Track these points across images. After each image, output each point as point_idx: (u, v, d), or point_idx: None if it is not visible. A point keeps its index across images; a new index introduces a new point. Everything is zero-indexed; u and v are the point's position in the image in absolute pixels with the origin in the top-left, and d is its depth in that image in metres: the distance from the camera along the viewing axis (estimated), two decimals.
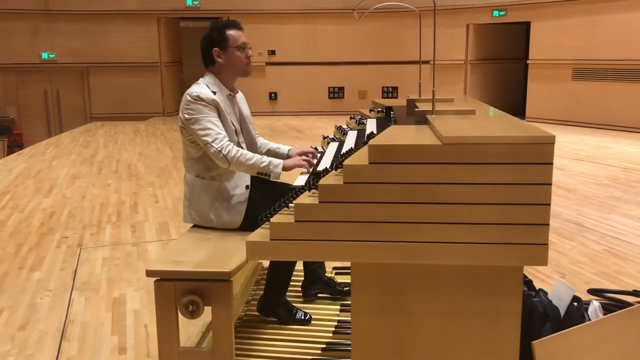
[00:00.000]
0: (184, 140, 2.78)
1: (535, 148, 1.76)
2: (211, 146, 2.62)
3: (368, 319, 1.98)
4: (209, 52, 2.77)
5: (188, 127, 2.69)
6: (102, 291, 3.72)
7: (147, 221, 5.30)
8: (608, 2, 10.72)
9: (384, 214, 1.84)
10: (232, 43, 2.76)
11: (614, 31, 10.67)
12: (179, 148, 9.44)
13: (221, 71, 2.80)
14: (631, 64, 10.47)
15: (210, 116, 2.66)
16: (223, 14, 13.97)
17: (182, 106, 2.73)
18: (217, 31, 2.75)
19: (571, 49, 11.45)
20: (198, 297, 2.24)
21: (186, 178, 2.84)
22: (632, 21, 10.38)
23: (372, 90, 14.29)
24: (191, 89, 2.73)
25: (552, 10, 11.65)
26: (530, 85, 12.50)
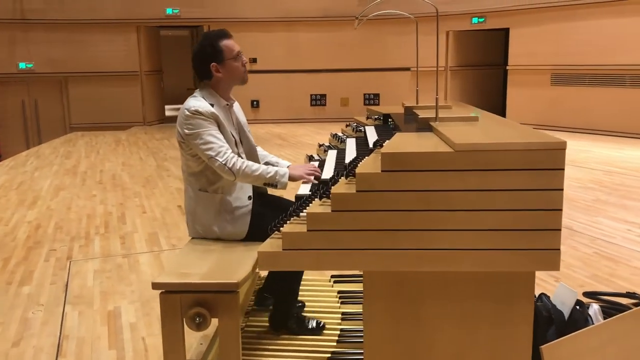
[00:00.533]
0: (184, 155, 2.74)
1: (547, 154, 1.77)
2: (215, 160, 2.59)
3: (380, 328, 1.97)
4: (205, 67, 2.71)
5: (189, 141, 2.65)
6: (95, 304, 3.66)
7: (136, 232, 5.23)
8: (583, 9, 10.92)
9: (397, 222, 1.84)
10: (228, 54, 2.72)
11: (590, 37, 10.86)
12: (162, 157, 9.37)
13: (219, 83, 2.76)
14: (608, 69, 10.66)
15: (211, 129, 2.62)
16: (204, 22, 13.93)
17: (181, 121, 2.68)
18: (210, 45, 2.69)
19: (549, 54, 11.63)
20: (205, 309, 2.21)
21: (188, 192, 2.79)
22: (608, 27, 10.58)
23: (354, 98, 14.35)
24: (188, 103, 2.68)
25: (530, 16, 11.83)
26: (510, 91, 12.66)
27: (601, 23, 10.68)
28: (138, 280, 4.06)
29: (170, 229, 5.29)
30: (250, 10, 13.92)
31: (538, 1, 11.53)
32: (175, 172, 8.13)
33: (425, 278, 1.92)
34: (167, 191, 6.90)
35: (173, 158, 9.32)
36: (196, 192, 2.74)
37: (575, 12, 11.06)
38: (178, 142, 2.74)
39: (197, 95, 2.74)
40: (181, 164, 2.84)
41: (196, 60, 2.74)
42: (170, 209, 6.03)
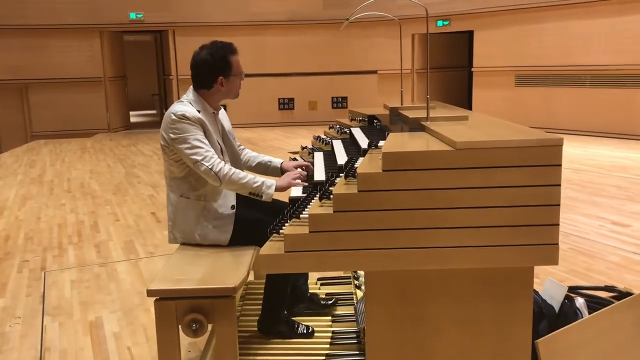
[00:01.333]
0: (167, 160, 2.69)
1: (545, 150, 1.80)
2: (201, 164, 2.55)
3: (383, 329, 1.97)
4: (210, 78, 2.68)
5: (173, 146, 2.61)
6: (76, 315, 3.56)
7: (111, 240, 5.12)
8: (545, 12, 11.19)
9: (399, 221, 1.85)
10: (235, 71, 2.72)
11: (553, 39, 11.14)
12: (130, 164, 9.21)
13: (215, 95, 2.73)
14: (570, 70, 10.94)
15: (197, 134, 2.59)
16: (168, 26, 13.78)
17: (166, 125, 2.63)
18: (222, 59, 2.66)
19: (513, 56, 11.87)
20: (201, 315, 2.17)
21: (169, 198, 2.73)
22: (569, 29, 10.86)
23: (322, 101, 14.38)
24: (175, 108, 2.64)
25: (493, 19, 12.06)
26: (476, 93, 12.87)
27: (563, 25, 10.96)
28: (118, 289, 3.97)
29: (145, 237, 5.20)
30: (216, 14, 13.82)
31: (501, 4, 11.77)
32: (145, 178, 8.00)
33: (427, 277, 1.93)
34: (139, 198, 6.79)
35: (142, 165, 9.17)
36: (178, 198, 2.70)
37: (537, 15, 11.32)
38: (161, 146, 2.69)
39: (184, 100, 2.71)
40: (164, 170, 2.79)
41: (202, 69, 2.68)
42: (143, 216, 5.92)
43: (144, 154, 10.41)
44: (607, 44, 10.32)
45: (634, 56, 9.95)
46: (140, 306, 3.67)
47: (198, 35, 13.81)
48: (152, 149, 10.93)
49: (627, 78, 10.13)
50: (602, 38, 10.38)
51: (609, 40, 10.29)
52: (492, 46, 12.19)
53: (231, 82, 2.74)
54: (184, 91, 10.81)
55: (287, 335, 2.83)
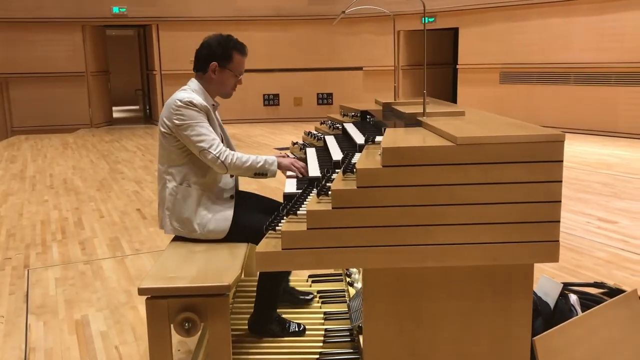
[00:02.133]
0: (168, 147, 2.65)
1: (546, 146, 1.78)
2: (208, 152, 2.54)
3: (381, 326, 1.94)
4: (205, 62, 2.68)
5: (178, 133, 2.58)
6: (61, 314, 3.49)
7: (96, 237, 5.03)
8: (528, 9, 11.24)
9: (399, 218, 1.81)
10: (233, 67, 2.71)
11: (537, 36, 11.19)
12: (114, 160, 9.08)
13: (208, 84, 2.73)
14: (553, 67, 11.01)
15: (204, 122, 2.59)
16: (152, 21, 13.61)
17: (169, 112, 2.61)
18: (223, 47, 2.67)
19: (497, 53, 11.92)
20: (194, 314, 2.12)
21: (167, 187, 2.68)
22: (554, 27, 10.92)
23: (307, 97, 14.32)
24: (180, 95, 2.62)
25: (478, 16, 12.09)
26: (460, 89, 12.91)
27: (547, 22, 11.02)
28: (103, 287, 3.90)
29: (131, 233, 5.12)
30: (200, 9, 13.69)
31: (486, 1, 11.80)
32: (129, 174, 7.89)
33: (426, 274, 1.90)
34: (124, 194, 6.69)
35: (125, 160, 9.05)
36: (177, 186, 2.65)
37: (522, 12, 11.37)
38: (162, 133, 2.66)
39: (187, 89, 2.70)
40: (159, 157, 2.74)
41: (203, 50, 2.70)
42: (129, 213, 5.83)
43: (128, 149, 10.28)
44: (590, 41, 10.40)
45: (616, 54, 10.04)
46: (127, 304, 3.60)
47: (182, 30, 13.69)
48: (136, 145, 10.80)
49: (610, 76, 10.22)
50: (585, 36, 10.45)
51: (591, 38, 10.37)
52: (477, 43, 12.23)
53: (225, 75, 2.71)
54: (168, 86, 10.87)
55: (279, 334, 2.79)
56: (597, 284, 3.70)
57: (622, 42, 9.96)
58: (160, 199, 2.73)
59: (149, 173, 7.94)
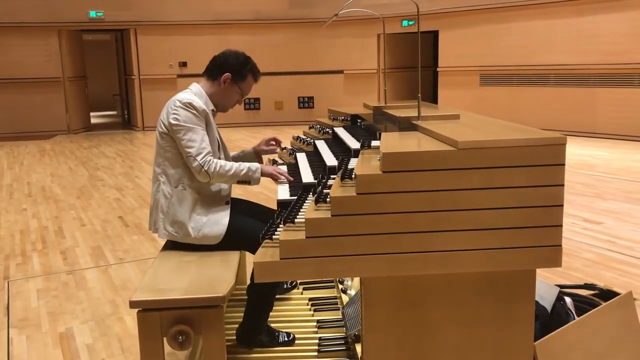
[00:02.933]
0: (164, 146, 2.61)
1: (548, 150, 1.75)
2: (194, 160, 2.51)
3: (382, 335, 1.89)
4: (220, 71, 2.68)
5: (172, 132, 2.55)
6: (44, 327, 3.38)
7: (78, 247, 4.92)
8: (508, 12, 11.33)
9: (400, 224, 1.77)
10: (243, 86, 2.73)
11: (517, 39, 11.29)
12: (93, 167, 8.93)
13: (214, 92, 2.71)
14: (533, 69, 11.11)
15: (198, 127, 2.54)
16: (129, 25, 13.45)
17: (168, 111, 2.58)
18: (242, 64, 2.69)
19: (477, 56, 11.99)
20: (188, 327, 2.06)
21: (161, 190, 2.62)
22: (532, 29, 11.02)
23: (288, 101, 14.26)
24: (182, 96, 2.60)
25: (458, 19, 12.16)
26: (441, 92, 12.96)
27: (527, 25, 11.12)
28: (88, 297, 3.80)
29: (114, 242, 5.01)
30: (179, 13, 13.56)
31: (466, 4, 11.87)
32: (110, 181, 7.76)
33: (428, 281, 1.86)
34: (105, 202, 6.56)
35: (105, 167, 8.90)
36: (172, 189, 2.60)
37: (501, 15, 11.46)
38: (160, 133, 2.61)
39: (189, 91, 2.67)
40: (155, 157, 2.68)
41: (220, 59, 2.71)
42: (110, 221, 5.72)
43: (107, 156, 10.12)
44: (569, 44, 10.51)
45: (594, 56, 10.16)
46: (113, 315, 3.51)
47: (160, 34, 13.55)
48: (115, 151, 10.64)
49: (589, 77, 10.33)
50: (564, 38, 10.57)
51: (570, 40, 10.48)
52: (457, 46, 12.29)
53: (233, 90, 2.74)
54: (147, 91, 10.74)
55: (268, 345, 2.73)
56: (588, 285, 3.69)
57: (599, 44, 10.08)
58: (154, 201, 2.67)
59: (130, 180, 7.82)
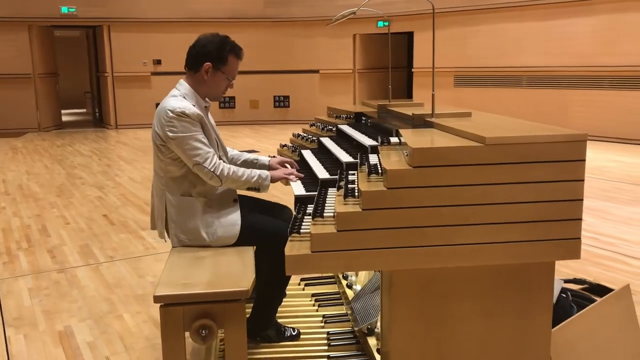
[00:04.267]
0: (164, 159, 2.54)
1: (570, 145, 1.82)
2: (203, 167, 2.46)
3: (406, 327, 1.94)
4: (199, 61, 2.57)
5: (171, 145, 2.48)
6: (41, 325, 3.33)
7: (65, 245, 4.84)
8: (482, 14, 11.54)
9: (428, 219, 1.82)
10: (226, 69, 2.61)
11: (490, 41, 11.50)
12: (70, 165, 8.78)
13: (200, 84, 2.62)
14: (506, 71, 11.34)
15: (197, 133, 2.48)
16: (102, 22, 13.24)
17: (161, 122, 2.49)
18: (219, 49, 2.57)
19: (452, 57, 12.17)
20: (211, 321, 2.07)
21: (168, 199, 2.58)
22: (506, 31, 11.25)
23: (264, 100, 14.24)
24: (171, 104, 2.50)
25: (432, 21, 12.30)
26: (415, 92, 13.10)
27: (500, 27, 11.34)
28: (82, 296, 3.75)
29: (102, 240, 4.95)
30: (153, 10, 13.41)
31: (441, 6, 12.02)
32: (89, 179, 7.64)
33: (451, 274, 1.92)
34: (86, 200, 6.47)
35: (82, 165, 8.76)
36: (178, 197, 2.56)
37: (474, 17, 11.66)
38: (157, 145, 2.54)
39: (177, 94, 2.57)
40: (155, 168, 2.64)
41: (197, 49, 2.59)
42: (95, 219, 5.64)
43: (82, 154, 9.95)
44: (539, 46, 10.76)
45: (564, 58, 10.43)
46: (111, 313, 3.47)
47: (134, 31, 13.38)
48: (90, 149, 10.47)
49: (560, 79, 10.60)
50: (535, 41, 10.81)
51: (540, 43, 10.73)
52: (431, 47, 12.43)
53: (217, 77, 2.61)
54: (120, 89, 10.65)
55: (275, 340, 2.75)
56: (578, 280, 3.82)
57: (568, 47, 10.35)
58: (158, 211, 2.63)
59: (110, 178, 7.71)
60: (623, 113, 9.78)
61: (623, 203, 5.77)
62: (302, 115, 14.11)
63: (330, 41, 13.67)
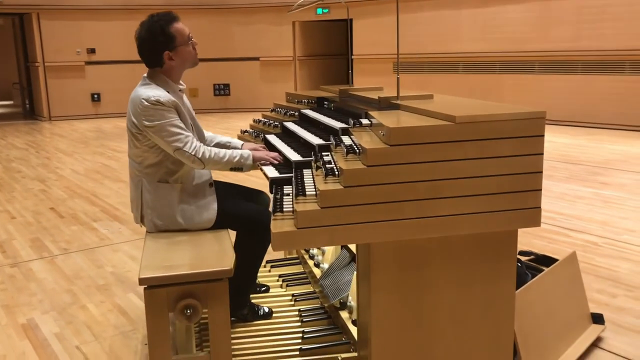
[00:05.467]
0: (140, 147, 2.56)
1: (531, 122, 1.98)
2: (184, 151, 2.48)
3: (387, 297, 2.06)
4: (157, 55, 2.57)
5: (148, 133, 2.50)
6: (2, 320, 3.27)
7: (14, 239, 4.72)
8: (418, 1, 11.82)
9: (404, 193, 1.94)
10: (180, 40, 2.60)
11: (428, 28, 11.82)
12: (5, 158, 8.47)
13: (171, 70, 2.63)
14: (444, 57, 11.69)
15: (174, 119, 2.50)
16: (31, 9, 12.72)
17: (137, 111, 2.50)
18: (160, 32, 2.54)
19: (391, 44, 12.41)
20: (196, 300, 2.13)
21: (144, 186, 2.60)
22: (443, 18, 11.59)
23: (203, 88, 14.08)
24: (146, 93, 2.51)
25: (371, 8, 12.52)
26: (356, 79, 13.30)
27: (438, 14, 11.66)
28: (42, 289, 3.69)
29: (53, 233, 4.85)
30: None
31: None
32: (29, 173, 7.40)
33: (426, 245, 2.05)
34: (30, 193, 6.28)
35: (19, 159, 8.46)
36: (154, 184, 2.59)
37: (412, 4, 11.93)
38: (132, 133, 2.56)
39: (150, 82, 2.59)
40: (131, 156, 2.65)
41: (145, 48, 2.58)
42: (42, 212, 5.51)
43: (17, 147, 9.59)
44: (477, 32, 11.15)
45: (499, 44, 10.86)
46: (74, 304, 3.45)
47: (66, 19, 12.93)
48: (25, 142, 10.10)
49: (494, 64, 11.03)
50: (471, 27, 11.20)
51: (477, 29, 11.13)
52: (370, 34, 12.66)
53: (180, 52, 2.61)
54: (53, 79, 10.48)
55: (249, 319, 2.84)
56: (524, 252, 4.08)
57: (503, 32, 10.78)
58: (135, 198, 2.65)
59: (51, 171, 7.50)
60: (554, 96, 10.30)
61: (559, 180, 6.14)
62: (243, 104, 14.07)
63: (270, 28, 13.66)
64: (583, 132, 9.39)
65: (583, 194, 5.56)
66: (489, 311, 2.15)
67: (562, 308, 2.75)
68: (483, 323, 2.15)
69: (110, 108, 13.65)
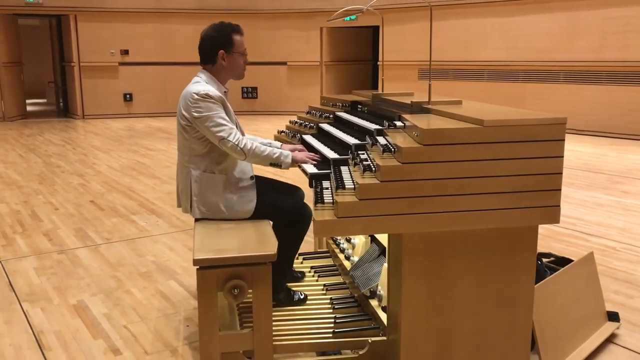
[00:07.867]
0: (189, 138, 2.83)
1: (553, 127, 2.18)
2: (228, 141, 2.73)
3: (416, 284, 2.27)
4: (213, 52, 2.88)
5: (197, 124, 2.76)
6: (55, 300, 3.54)
7: (59, 229, 5.01)
8: (447, 9, 11.99)
9: (434, 189, 2.15)
10: (237, 48, 2.92)
11: (453, 35, 11.98)
12: (44, 154, 8.82)
13: (220, 72, 2.92)
14: (469, 65, 11.84)
15: (221, 112, 2.77)
16: (69, 11, 13.16)
17: (187, 104, 2.78)
18: (223, 34, 2.89)
19: (416, 51, 12.60)
20: (242, 281, 2.36)
21: (192, 175, 2.86)
22: (469, 26, 11.74)
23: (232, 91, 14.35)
24: (196, 87, 2.79)
25: (398, 15, 12.72)
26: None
27: (463, 23, 11.82)
28: (88, 274, 3.96)
29: (95, 224, 5.14)
30: (120, 0, 13.39)
31: (406, 1, 12.44)
32: (68, 168, 7.74)
33: (451, 237, 2.25)
34: (70, 187, 6.60)
35: (58, 154, 8.82)
36: (201, 173, 2.84)
37: (439, 12, 12.11)
38: (182, 126, 2.82)
39: (201, 80, 2.85)
40: (180, 148, 2.91)
41: (206, 44, 2.89)
42: (83, 205, 5.81)
43: (55, 143, 9.97)
44: (502, 41, 11.29)
45: (523, 53, 10.98)
46: (120, 289, 3.71)
47: (101, 21, 13.34)
48: (62, 139, 10.48)
49: (518, 73, 11.15)
50: (498, 36, 11.34)
51: (503, 38, 11.27)
52: (396, 41, 12.85)
53: (233, 58, 2.92)
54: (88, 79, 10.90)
55: (285, 303, 3.06)
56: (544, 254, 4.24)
57: (528, 42, 10.90)
58: (184, 186, 2.91)
59: (88, 166, 7.83)
60: (578, 106, 10.39)
61: (579, 188, 6.27)
62: (269, 106, 14.35)
63: (296, 34, 13.93)
64: (606, 142, 9.47)
65: (603, 201, 5.69)
66: (509, 302, 2.34)
67: (579, 304, 2.92)
68: (503, 313, 2.35)
69: (141, 108, 14.03)
